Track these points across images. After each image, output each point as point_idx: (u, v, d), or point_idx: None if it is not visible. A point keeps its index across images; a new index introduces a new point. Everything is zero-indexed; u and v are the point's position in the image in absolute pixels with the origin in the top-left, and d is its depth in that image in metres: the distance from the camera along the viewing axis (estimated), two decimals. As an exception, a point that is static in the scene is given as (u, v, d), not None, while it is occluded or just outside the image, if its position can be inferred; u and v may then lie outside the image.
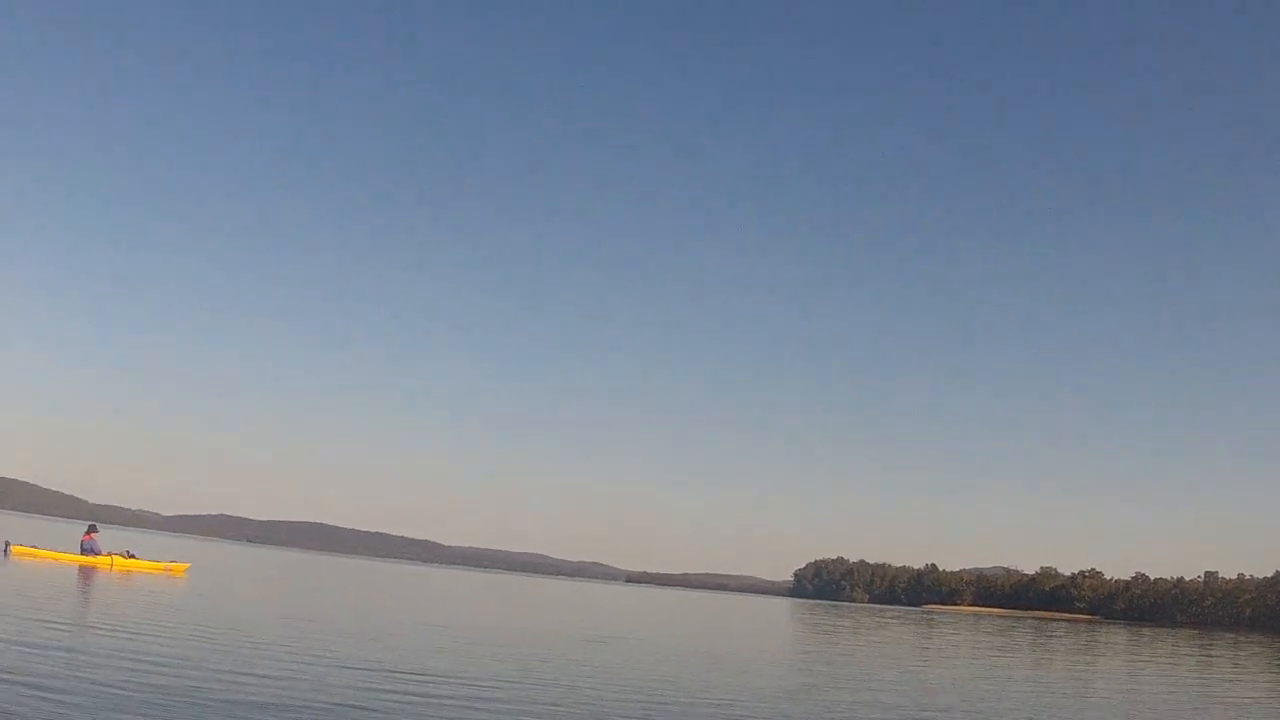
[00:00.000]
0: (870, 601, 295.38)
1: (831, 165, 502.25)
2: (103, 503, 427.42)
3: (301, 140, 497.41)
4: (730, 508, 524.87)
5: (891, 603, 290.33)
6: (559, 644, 30.27)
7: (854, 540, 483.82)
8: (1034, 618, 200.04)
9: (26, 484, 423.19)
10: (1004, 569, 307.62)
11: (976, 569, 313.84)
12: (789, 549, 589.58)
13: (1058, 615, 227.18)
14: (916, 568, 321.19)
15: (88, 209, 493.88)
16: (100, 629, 20.56)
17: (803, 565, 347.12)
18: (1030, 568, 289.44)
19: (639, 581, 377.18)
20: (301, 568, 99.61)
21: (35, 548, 50.27)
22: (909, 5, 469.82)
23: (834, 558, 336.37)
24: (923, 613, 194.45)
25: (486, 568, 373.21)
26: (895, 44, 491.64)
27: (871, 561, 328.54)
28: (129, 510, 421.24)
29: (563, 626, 41.51)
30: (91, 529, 50.86)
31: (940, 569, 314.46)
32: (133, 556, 49.68)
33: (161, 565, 51.20)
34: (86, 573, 42.37)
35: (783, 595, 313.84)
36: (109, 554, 48.68)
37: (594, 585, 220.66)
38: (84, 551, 48.57)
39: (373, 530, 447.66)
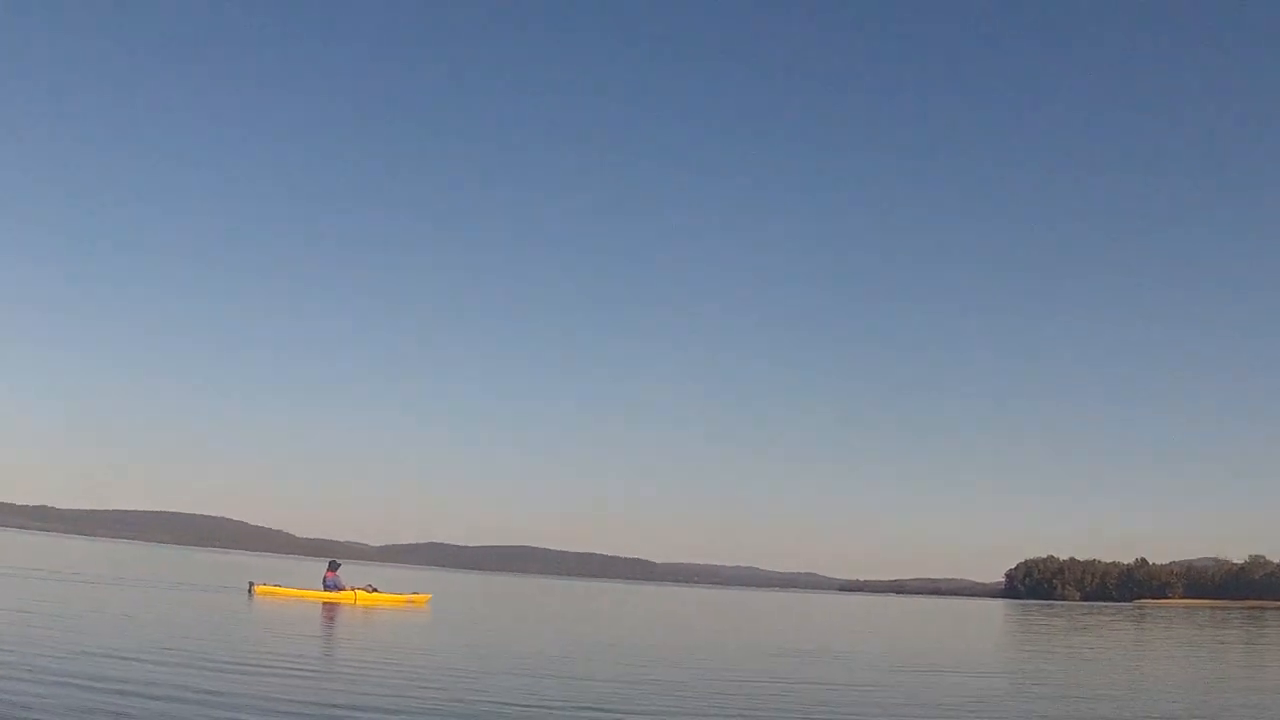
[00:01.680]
0: (1082, 599, 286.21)
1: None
2: (311, 536, 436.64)
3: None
4: (939, 511, 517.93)
5: (1103, 599, 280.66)
6: (781, 659, 29.41)
7: (1064, 538, 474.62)
8: (1246, 608, 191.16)
9: (235, 521, 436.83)
10: (1213, 559, 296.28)
11: (1185, 561, 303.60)
12: (999, 550, 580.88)
13: (1270, 604, 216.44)
14: (1126, 563, 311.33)
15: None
16: (400, 660, 20.96)
17: (1013, 565, 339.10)
18: (1239, 557, 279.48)
19: (851, 590, 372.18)
20: (528, 591, 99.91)
21: (279, 586, 49.07)
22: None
23: (1044, 556, 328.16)
24: (1135, 608, 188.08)
25: (699, 583, 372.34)
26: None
27: (1081, 559, 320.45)
28: (338, 543, 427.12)
29: (787, 640, 40.37)
30: (333, 565, 50.29)
31: (1150, 563, 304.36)
32: (375, 591, 48.31)
33: (404, 598, 50.42)
34: (331, 609, 41.91)
35: (994, 597, 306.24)
36: (352, 589, 47.23)
37: (807, 596, 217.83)
38: (327, 588, 47.77)
39: (583, 551, 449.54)
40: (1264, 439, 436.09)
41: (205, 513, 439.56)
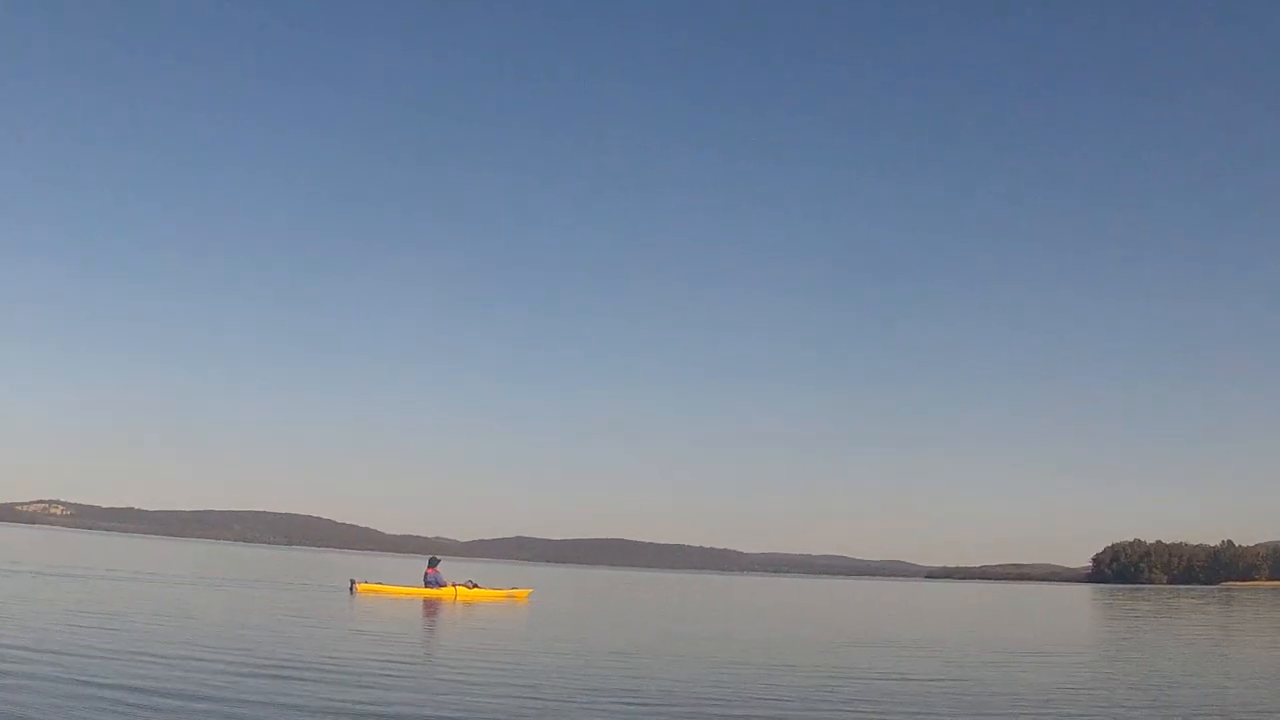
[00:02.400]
0: (1168, 582, 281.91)
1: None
2: (400, 533, 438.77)
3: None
4: (1026, 497, 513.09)
5: (1189, 582, 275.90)
6: (868, 649, 29.64)
7: (1150, 521, 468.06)
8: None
9: (323, 519, 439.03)
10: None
11: (1273, 543, 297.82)
12: (1086, 535, 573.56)
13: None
14: (1213, 545, 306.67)
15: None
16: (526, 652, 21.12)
17: (1100, 550, 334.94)
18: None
19: (939, 577, 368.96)
20: (622, 585, 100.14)
21: (380, 584, 49.83)
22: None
23: (1130, 540, 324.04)
24: (1221, 590, 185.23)
25: (788, 572, 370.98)
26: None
27: (1167, 542, 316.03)
28: (426, 539, 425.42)
29: (876, 630, 40.68)
30: (433, 562, 50.44)
31: (1236, 545, 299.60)
32: (475, 586, 48.91)
33: (504, 593, 50.64)
34: (432, 605, 42.16)
35: (1081, 581, 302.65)
36: (452, 585, 47.88)
37: (894, 584, 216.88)
38: (428, 584, 48.11)
39: (671, 542, 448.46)
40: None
41: (292, 511, 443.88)
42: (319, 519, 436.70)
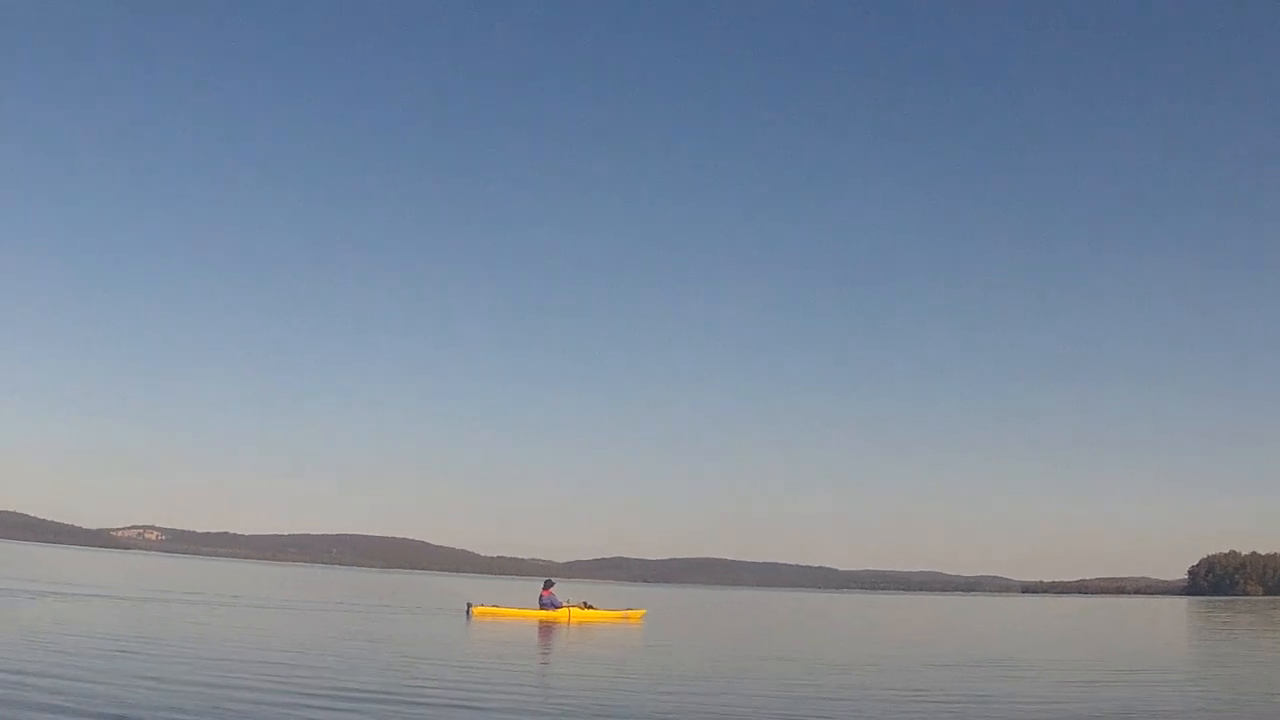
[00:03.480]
0: (1265, 593, 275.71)
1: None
2: (495, 554, 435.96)
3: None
4: (1121, 509, 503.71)
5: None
6: (960, 669, 29.94)
7: (1246, 533, 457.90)
8: None
9: (418, 542, 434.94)
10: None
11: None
12: (1181, 547, 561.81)
13: None
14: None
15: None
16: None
17: (1195, 562, 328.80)
18: None
19: (1034, 591, 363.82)
20: (725, 603, 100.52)
21: (496, 607, 50.39)
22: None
23: (1226, 552, 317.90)
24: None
25: (883, 589, 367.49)
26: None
27: (1263, 553, 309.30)
28: (522, 560, 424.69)
29: (968, 647, 40.33)
30: (548, 584, 51.01)
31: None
32: (590, 607, 49.50)
33: (619, 614, 51.12)
34: (548, 627, 42.44)
35: (1177, 594, 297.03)
36: (567, 606, 48.58)
37: (992, 599, 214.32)
38: (544, 606, 48.60)
39: (766, 560, 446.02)
40: None
41: (388, 534, 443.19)
42: (414, 541, 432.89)
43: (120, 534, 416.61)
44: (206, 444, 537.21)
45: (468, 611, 48.15)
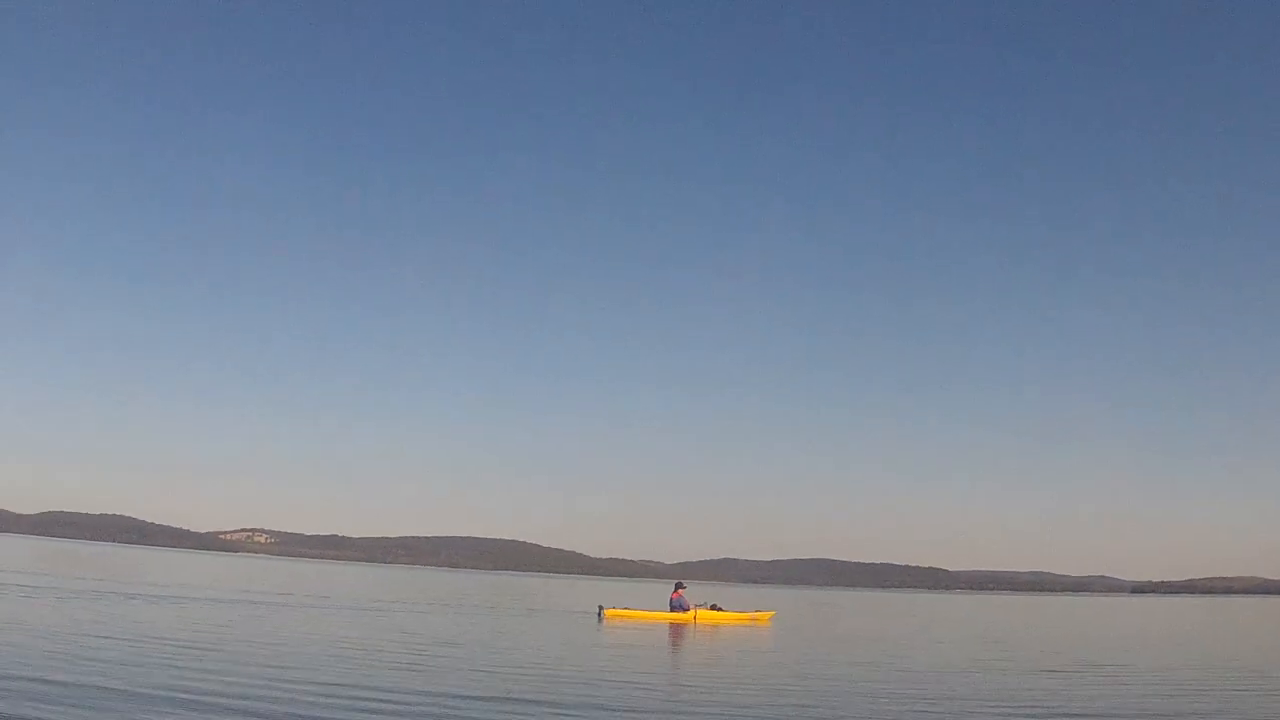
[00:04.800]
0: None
1: None
2: (604, 556, 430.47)
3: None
4: (1232, 507, 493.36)
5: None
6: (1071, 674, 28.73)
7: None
8: None
9: (528, 544, 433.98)
10: None
11: None
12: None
13: None
14: None
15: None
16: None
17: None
18: None
19: (1144, 592, 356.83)
20: (841, 604, 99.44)
21: (627, 609, 49.82)
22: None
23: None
24: None
25: (993, 590, 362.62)
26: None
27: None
28: (632, 561, 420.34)
29: (1079, 649, 38.89)
30: (679, 586, 50.45)
31: None
32: (718, 609, 48.79)
33: (748, 616, 50.42)
34: (677, 629, 41.82)
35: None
36: (694, 608, 47.93)
37: (1102, 600, 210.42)
38: (674, 608, 48.01)
39: (876, 561, 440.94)
40: None
41: (497, 536, 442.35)
42: (524, 543, 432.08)
43: (229, 537, 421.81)
44: (316, 448, 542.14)
45: (599, 614, 47.46)
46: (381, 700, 15.89)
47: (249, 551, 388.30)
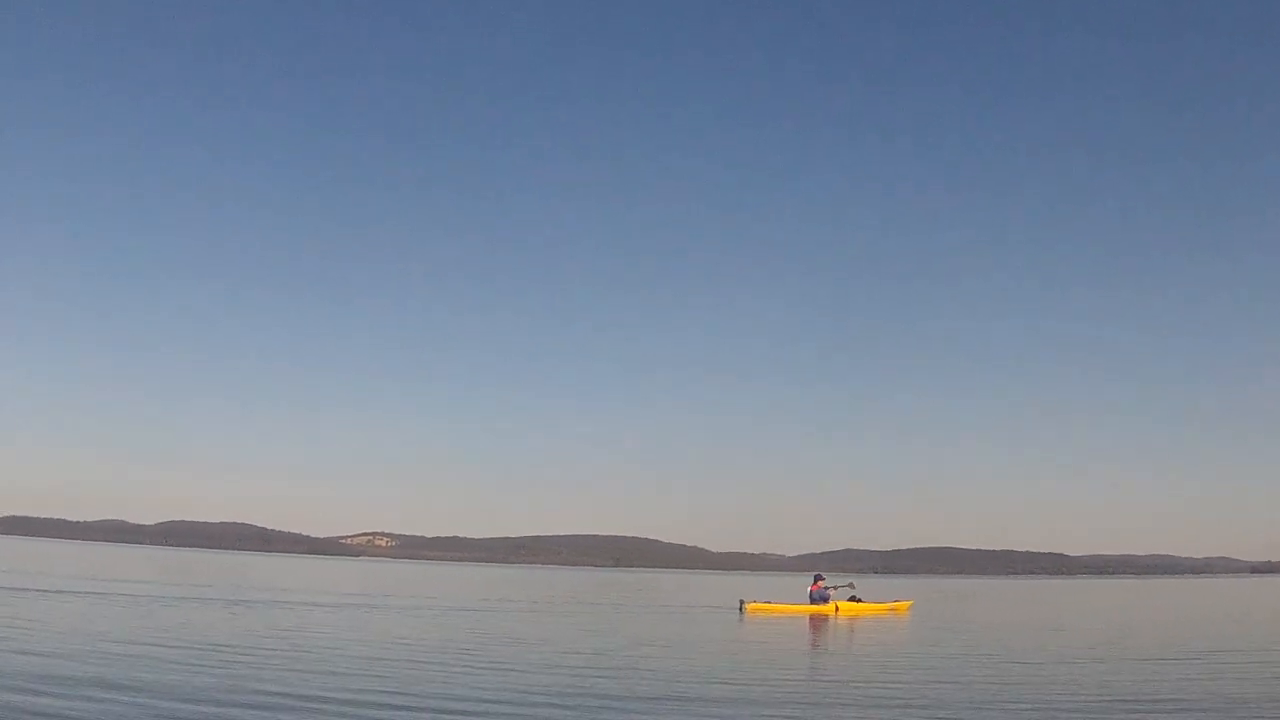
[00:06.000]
0: None
1: None
2: (725, 550, 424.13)
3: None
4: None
5: None
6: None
7: None
8: None
9: (650, 540, 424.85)
10: None
11: None
12: None
13: None
14: None
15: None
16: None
17: None
18: None
19: (1264, 572, 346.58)
20: (969, 591, 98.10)
21: (768, 603, 49.21)
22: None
23: None
24: None
25: (1113, 574, 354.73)
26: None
27: None
28: (753, 555, 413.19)
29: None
30: (818, 578, 50.15)
31: None
32: (857, 600, 48.54)
33: (886, 606, 50.02)
34: (817, 621, 41.56)
35: None
36: (834, 600, 47.71)
37: (1224, 581, 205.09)
38: (814, 600, 47.82)
39: (995, 548, 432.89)
40: None
41: (617, 533, 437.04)
42: (644, 540, 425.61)
43: (350, 541, 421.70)
44: (436, 450, 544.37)
45: (740, 609, 47.17)
46: (567, 697, 16.19)
47: (370, 555, 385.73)
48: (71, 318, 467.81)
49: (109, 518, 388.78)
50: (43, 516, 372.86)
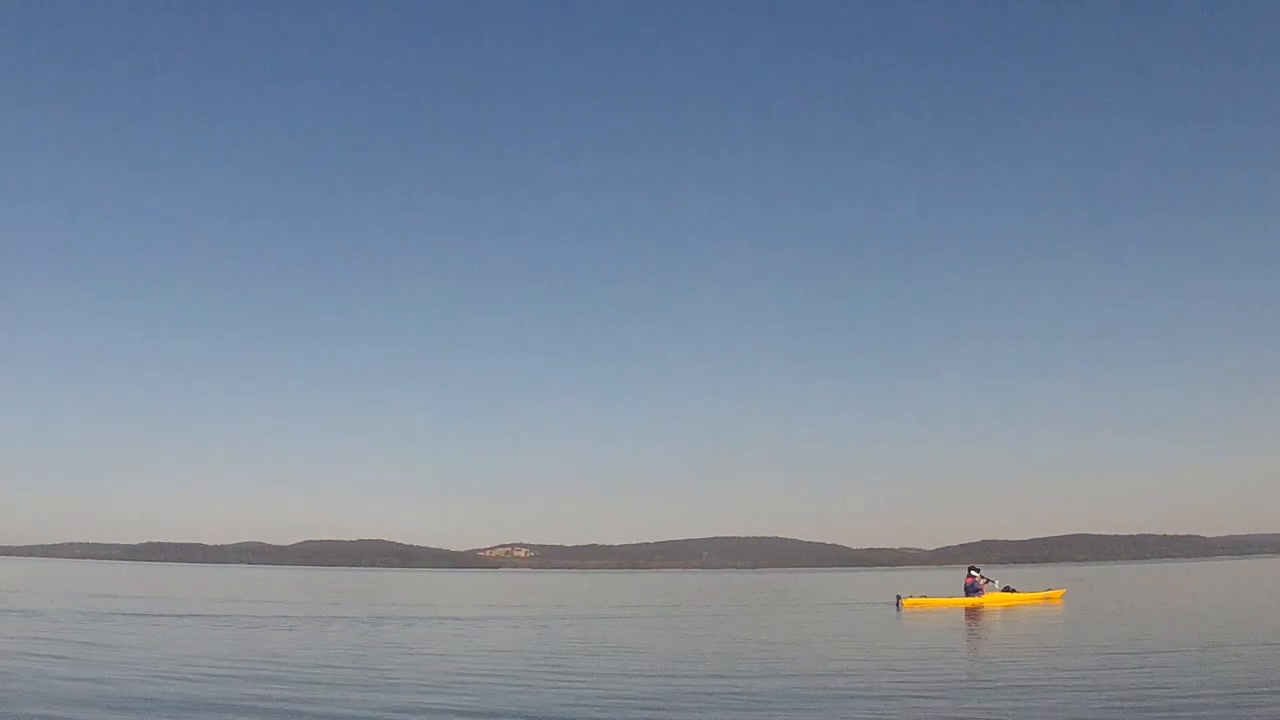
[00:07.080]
0: None
1: None
2: (865, 546, 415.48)
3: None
4: None
5: None
6: None
7: None
8: None
9: (787, 539, 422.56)
10: None
11: None
12: None
13: None
14: None
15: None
16: None
17: None
18: None
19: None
20: (1121, 577, 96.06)
21: (923, 597, 48.80)
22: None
23: None
24: None
25: (1252, 554, 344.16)
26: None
27: None
28: (893, 549, 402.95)
29: None
30: (972, 570, 49.78)
31: None
32: (1011, 590, 48.21)
33: (1040, 595, 49.50)
34: (973, 613, 41.28)
35: None
36: (988, 592, 47.43)
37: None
38: (969, 593, 47.52)
39: (1132, 533, 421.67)
40: None
41: (753, 534, 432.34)
42: (781, 539, 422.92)
43: (488, 554, 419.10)
44: (571, 460, 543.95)
45: (897, 603, 46.92)
46: (738, 693, 16.77)
47: (509, 567, 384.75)
48: (198, 349, 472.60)
49: (247, 540, 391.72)
50: (180, 542, 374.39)
